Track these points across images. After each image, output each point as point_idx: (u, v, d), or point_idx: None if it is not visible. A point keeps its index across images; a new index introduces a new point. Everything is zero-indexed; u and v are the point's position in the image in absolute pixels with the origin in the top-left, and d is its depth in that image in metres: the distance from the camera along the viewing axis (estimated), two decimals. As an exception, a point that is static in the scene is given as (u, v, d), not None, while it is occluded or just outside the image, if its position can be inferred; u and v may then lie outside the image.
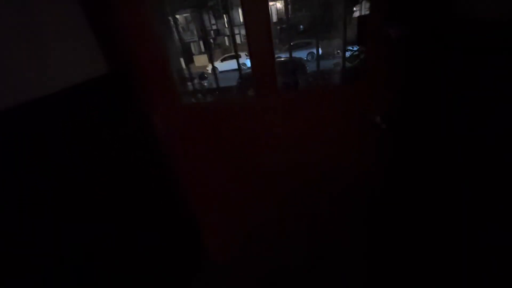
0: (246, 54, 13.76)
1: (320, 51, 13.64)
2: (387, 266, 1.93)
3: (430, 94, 1.43)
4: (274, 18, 20.60)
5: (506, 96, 0.99)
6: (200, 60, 17.72)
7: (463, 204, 1.30)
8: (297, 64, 9.17)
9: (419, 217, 1.67)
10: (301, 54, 13.49)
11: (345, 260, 2.05)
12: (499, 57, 0.96)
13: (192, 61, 18.13)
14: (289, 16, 19.25)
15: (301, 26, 18.27)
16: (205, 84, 9.87)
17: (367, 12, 1.48)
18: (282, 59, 11.72)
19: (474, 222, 1.25)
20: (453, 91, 1.25)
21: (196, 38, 18.95)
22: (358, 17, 2.41)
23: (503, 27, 0.95)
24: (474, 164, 1.17)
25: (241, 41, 19.85)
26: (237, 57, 2.90)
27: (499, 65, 0.99)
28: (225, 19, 18.27)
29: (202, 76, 10.23)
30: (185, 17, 18.42)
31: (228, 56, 14.94)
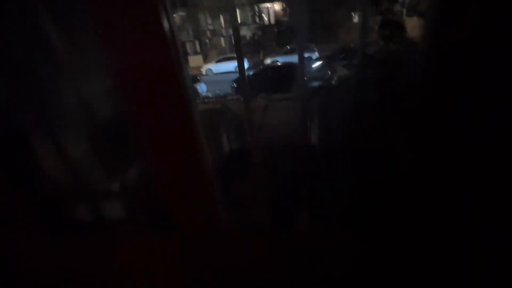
0: (242, 56, 13.10)
1: (318, 55, 13.47)
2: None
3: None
4: (272, 20, 20.49)
5: None
6: (195, 61, 17.34)
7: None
8: (291, 71, 8.71)
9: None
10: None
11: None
12: None
13: (187, 61, 17.77)
14: (287, 18, 19.13)
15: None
16: (197, 88, 9.47)
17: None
18: (279, 63, 11.46)
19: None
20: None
21: (192, 38, 18.54)
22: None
23: None
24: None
25: (237, 42, 19.55)
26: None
27: None
28: (221, 19, 17.91)
29: (195, 79, 9.84)
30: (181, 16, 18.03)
31: (223, 58, 14.56)
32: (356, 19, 16.05)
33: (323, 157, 2.76)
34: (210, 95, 9.26)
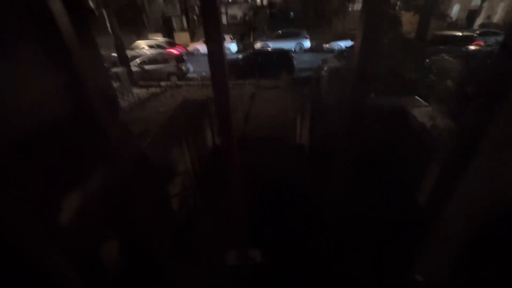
0: (230, 37, 12.70)
1: (309, 44, 13.15)
2: None
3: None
4: (265, 1, 19.63)
5: None
6: (181, 38, 16.43)
7: None
8: (283, 59, 8.34)
9: None
10: (290, 44, 12.82)
11: None
12: None
13: (172, 37, 16.81)
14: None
15: (292, 13, 17.44)
16: (183, 68, 8.91)
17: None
18: (269, 49, 11.04)
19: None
20: None
21: (178, 13, 17.42)
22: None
23: None
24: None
25: (227, 22, 18.68)
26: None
27: None
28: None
29: (180, 58, 9.22)
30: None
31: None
32: (350, 9, 15.75)
33: (312, 159, 2.62)
34: (196, 76, 8.81)
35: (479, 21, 16.46)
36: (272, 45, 12.42)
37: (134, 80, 7.21)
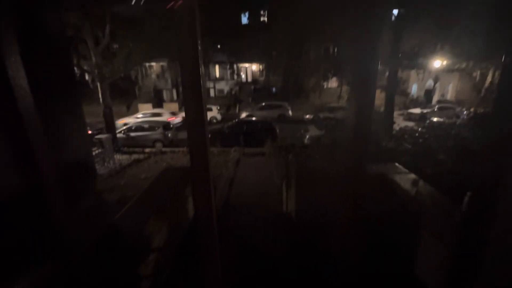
0: (217, 108, 13.47)
1: (291, 114, 14.27)
2: None
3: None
4: (249, 79, 22.05)
5: None
6: (170, 108, 17.40)
7: None
8: (267, 127, 8.90)
9: None
10: (273, 115, 13.84)
11: None
12: None
13: (161, 107, 17.80)
14: (263, 77, 20.75)
15: (274, 89, 19.48)
16: (169, 135, 9.16)
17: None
18: (254, 118, 11.84)
19: None
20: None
21: (169, 87, 18.93)
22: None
23: None
24: None
25: (214, 95, 20.35)
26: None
27: None
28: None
29: (168, 126, 9.59)
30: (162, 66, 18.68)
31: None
32: (325, 86, 17.90)
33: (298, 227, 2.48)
34: (181, 143, 8.96)
35: (436, 98, 19.03)
36: (256, 115, 13.32)
37: (118, 146, 7.19)
